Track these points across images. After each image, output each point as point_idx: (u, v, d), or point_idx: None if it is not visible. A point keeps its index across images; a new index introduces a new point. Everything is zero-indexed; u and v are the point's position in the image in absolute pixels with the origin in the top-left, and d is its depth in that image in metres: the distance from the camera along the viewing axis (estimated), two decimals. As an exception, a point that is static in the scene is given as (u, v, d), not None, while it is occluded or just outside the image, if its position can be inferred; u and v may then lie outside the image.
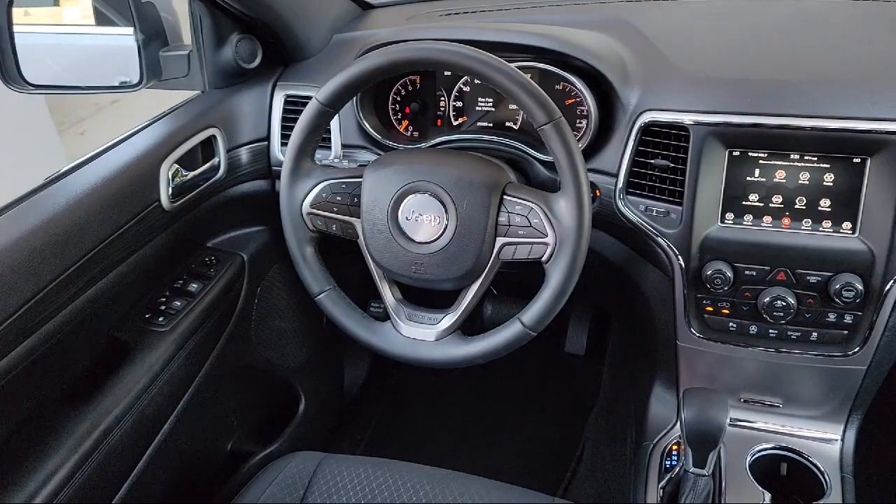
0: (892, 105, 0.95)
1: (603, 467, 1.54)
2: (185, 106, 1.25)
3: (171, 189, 1.15)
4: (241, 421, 1.47)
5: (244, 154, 1.30)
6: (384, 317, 1.07)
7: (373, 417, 1.92)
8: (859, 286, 0.98)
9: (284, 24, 1.26)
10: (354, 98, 1.19)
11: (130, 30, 1.17)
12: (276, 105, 1.31)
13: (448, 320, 1.01)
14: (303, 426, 1.61)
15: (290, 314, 1.51)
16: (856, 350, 1.06)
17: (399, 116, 1.28)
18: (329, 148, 1.24)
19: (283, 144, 1.30)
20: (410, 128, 1.28)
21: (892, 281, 0.99)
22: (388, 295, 1.06)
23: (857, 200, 0.98)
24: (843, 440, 1.16)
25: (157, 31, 1.21)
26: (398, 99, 1.27)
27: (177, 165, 1.16)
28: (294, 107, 1.29)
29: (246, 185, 1.33)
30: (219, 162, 1.26)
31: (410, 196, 0.99)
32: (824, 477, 1.10)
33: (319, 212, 1.04)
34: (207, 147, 1.24)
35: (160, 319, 1.17)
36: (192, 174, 1.20)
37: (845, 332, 1.05)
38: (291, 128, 1.03)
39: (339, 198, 1.03)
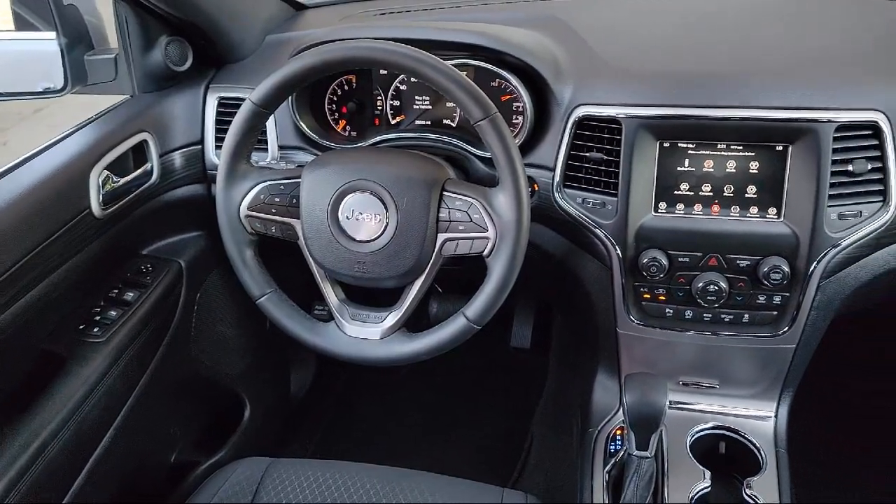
0: (809, 95, 1.00)
1: (551, 456, 1.57)
2: (114, 110, 1.21)
3: (101, 196, 1.11)
4: (185, 431, 1.44)
5: (178, 158, 1.28)
6: (328, 318, 1.06)
7: (321, 421, 1.90)
8: (786, 268, 1.03)
9: (215, 26, 1.24)
10: (290, 99, 1.18)
11: (53, 34, 1.13)
12: (210, 108, 1.28)
13: (392, 318, 1.01)
14: (249, 433, 1.58)
15: (231, 320, 1.48)
16: (785, 329, 1.11)
17: (336, 116, 1.27)
18: (265, 150, 1.23)
19: (218, 148, 1.27)
20: (348, 127, 1.27)
21: (815, 262, 1.04)
22: (331, 295, 1.05)
23: (781, 186, 1.03)
24: (776, 417, 1.21)
25: (81, 35, 1.17)
26: (335, 99, 1.26)
27: (107, 172, 1.12)
28: (228, 109, 1.27)
29: (181, 190, 1.30)
30: (151, 167, 1.23)
31: (350, 195, 0.99)
32: (760, 453, 1.15)
33: (258, 214, 1.03)
34: (139, 152, 1.21)
35: (95, 330, 1.14)
36: (123, 180, 1.17)
37: (774, 312, 1.09)
38: (226, 130, 1.02)
39: (277, 199, 1.02)
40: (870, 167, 1.00)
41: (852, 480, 1.64)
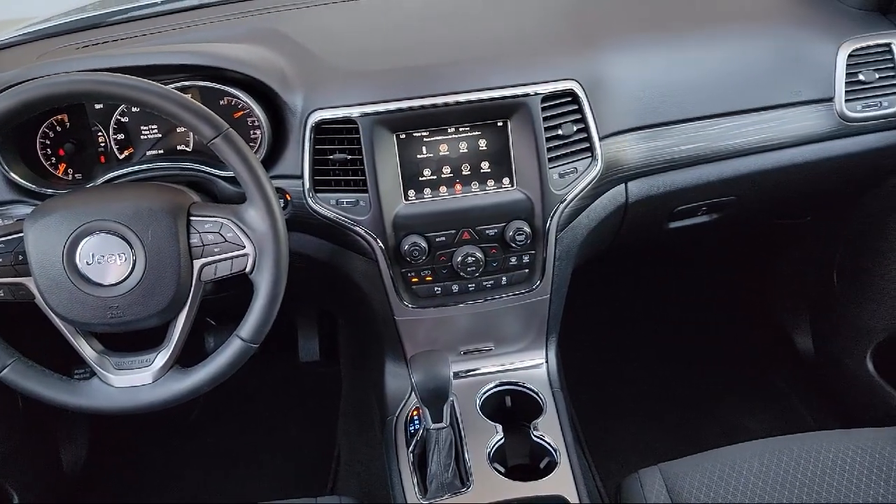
0: (513, 75, 1.12)
1: (361, 456, 1.59)
2: None
3: None
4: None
5: None
6: (91, 376, 0.97)
7: (108, 489, 1.73)
8: (527, 229, 1.14)
9: None
10: (-9, 149, 1.06)
11: None
12: None
13: (162, 358, 0.96)
14: None
15: (-28, 407, 1.30)
16: (537, 283, 1.23)
17: (53, 161, 1.16)
18: (-24, 211, 1.09)
19: (-89, 219, 1.10)
20: (70, 170, 1.16)
21: (549, 219, 1.16)
22: (87, 349, 0.97)
23: (509, 158, 1.14)
24: (547, 362, 1.35)
25: None
26: (47, 142, 1.15)
27: None
28: None
29: None
30: None
31: (86, 239, 0.91)
32: (539, 397, 1.28)
33: None
34: None
35: None
36: None
37: (526, 270, 1.21)
38: None
39: None
40: (575, 129, 1.14)
41: (624, 403, 1.87)
